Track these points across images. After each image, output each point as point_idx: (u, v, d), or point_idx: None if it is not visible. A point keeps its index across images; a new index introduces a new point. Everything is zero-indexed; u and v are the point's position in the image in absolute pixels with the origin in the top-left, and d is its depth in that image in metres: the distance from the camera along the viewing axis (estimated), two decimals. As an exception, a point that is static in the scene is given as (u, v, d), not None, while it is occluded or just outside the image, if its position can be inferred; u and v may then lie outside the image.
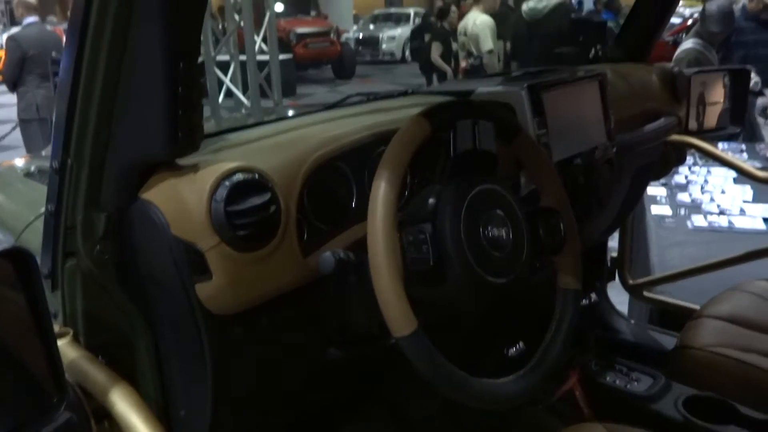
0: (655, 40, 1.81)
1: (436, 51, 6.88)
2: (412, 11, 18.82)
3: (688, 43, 4.14)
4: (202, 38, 3.29)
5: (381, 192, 0.83)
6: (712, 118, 2.00)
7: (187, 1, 0.77)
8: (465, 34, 5.91)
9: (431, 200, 0.88)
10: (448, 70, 6.85)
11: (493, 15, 5.92)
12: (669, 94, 1.71)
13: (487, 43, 5.64)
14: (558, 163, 1.20)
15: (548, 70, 1.39)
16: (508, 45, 6.05)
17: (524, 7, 5.13)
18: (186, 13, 0.78)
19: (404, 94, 1.40)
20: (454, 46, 6.63)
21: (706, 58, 3.97)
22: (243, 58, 6.97)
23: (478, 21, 5.71)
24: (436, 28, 7.19)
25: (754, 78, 4.62)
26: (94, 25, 0.77)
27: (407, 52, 17.22)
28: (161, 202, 0.82)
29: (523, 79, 1.25)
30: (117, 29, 0.76)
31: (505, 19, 6.15)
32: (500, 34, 5.88)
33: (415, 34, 8.97)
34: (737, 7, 5.57)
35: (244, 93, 7.08)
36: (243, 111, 6.89)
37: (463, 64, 6.16)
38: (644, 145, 1.53)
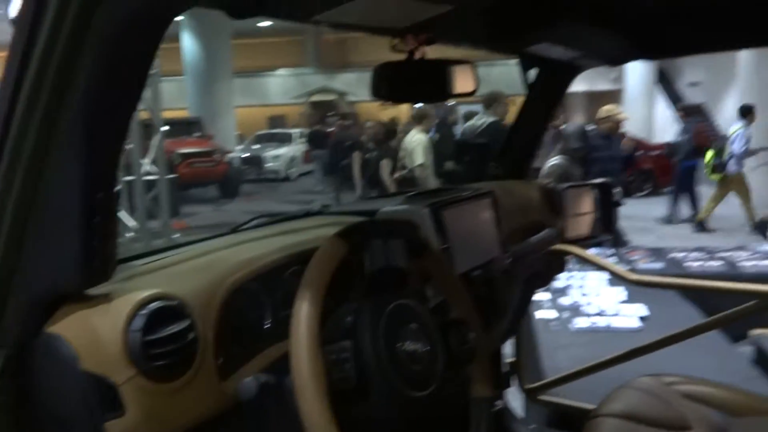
0: (531, 160, 2.00)
1: (386, 168, 7.59)
2: (294, 132, 19.46)
3: (554, 160, 4.58)
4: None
5: (304, 312, 0.84)
6: (585, 227, 2.20)
7: (107, 131, 0.78)
8: (404, 149, 6.71)
9: (350, 318, 0.90)
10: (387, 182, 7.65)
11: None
12: (548, 208, 1.88)
13: (419, 158, 6.33)
14: (460, 276, 1.26)
15: (443, 189, 1.50)
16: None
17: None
18: (106, 142, 0.78)
19: (311, 214, 1.45)
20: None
21: (572, 172, 4.39)
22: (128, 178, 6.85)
23: (414, 138, 6.48)
24: (385, 148, 8.10)
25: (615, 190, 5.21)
26: (11, 149, 0.75)
27: (291, 171, 17.63)
28: (71, 335, 0.78)
29: (422, 199, 1.34)
30: (35, 156, 0.75)
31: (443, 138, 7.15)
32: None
33: (337, 150, 9.69)
34: (592, 128, 6.34)
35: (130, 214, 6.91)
36: (126, 235, 6.68)
37: (396, 174, 7.03)
38: (532, 255, 1.65)
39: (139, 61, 0.78)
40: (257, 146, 18.38)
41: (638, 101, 16.15)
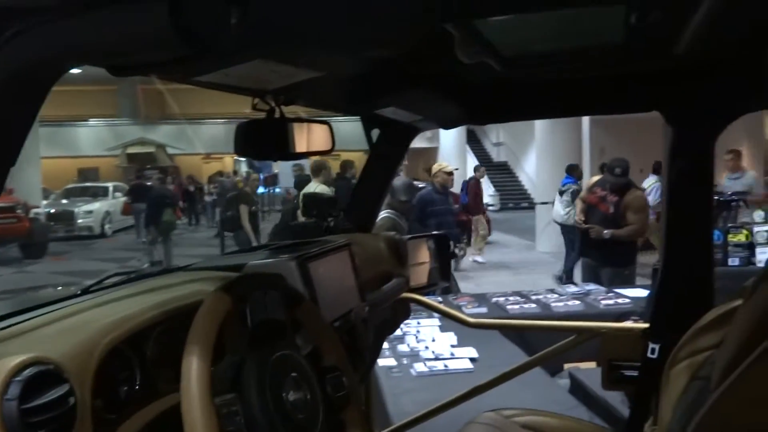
0: (377, 213, 2.12)
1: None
2: (110, 185, 18.28)
3: (383, 214, 4.80)
4: None
5: (194, 368, 0.83)
6: (425, 276, 2.36)
7: None
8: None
9: (234, 371, 0.91)
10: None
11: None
12: (395, 258, 2.00)
13: None
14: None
15: (302, 242, 1.55)
16: None
17: None
18: None
19: (179, 269, 1.42)
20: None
21: (400, 225, 4.64)
22: None
23: (316, 189, 6.55)
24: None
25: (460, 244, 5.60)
26: None
27: (107, 226, 16.46)
28: None
29: (286, 252, 1.38)
30: None
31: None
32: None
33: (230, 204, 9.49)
34: (424, 184, 6.76)
35: None
36: None
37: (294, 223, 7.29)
38: (384, 303, 1.74)
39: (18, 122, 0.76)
40: (66, 201, 16.98)
41: (451, 158, 17.48)
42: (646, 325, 1.78)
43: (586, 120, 13.58)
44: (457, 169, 7.17)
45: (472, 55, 1.25)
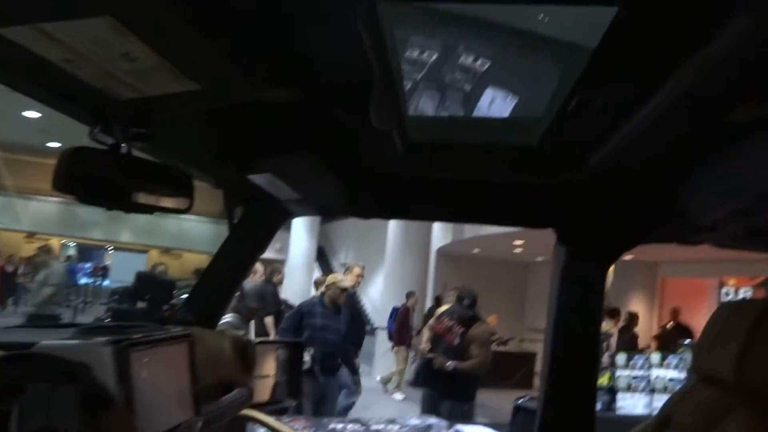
0: (225, 308, 1.77)
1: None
2: None
3: (226, 317, 4.36)
4: None
5: None
6: (268, 390, 2.00)
7: None
8: None
9: None
10: None
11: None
12: (240, 363, 1.64)
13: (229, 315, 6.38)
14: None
15: (131, 325, 1.17)
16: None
17: None
18: None
19: None
20: None
21: (244, 331, 4.22)
22: None
23: None
24: None
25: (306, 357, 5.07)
26: None
27: None
28: None
29: (103, 333, 1.00)
30: None
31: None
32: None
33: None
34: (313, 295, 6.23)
35: None
36: None
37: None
38: (223, 419, 1.37)
39: None
40: None
41: (299, 272, 17.21)
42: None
43: (434, 252, 14.07)
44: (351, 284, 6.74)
45: (383, 119, 1.04)
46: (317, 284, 7.21)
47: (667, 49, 0.80)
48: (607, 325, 7.97)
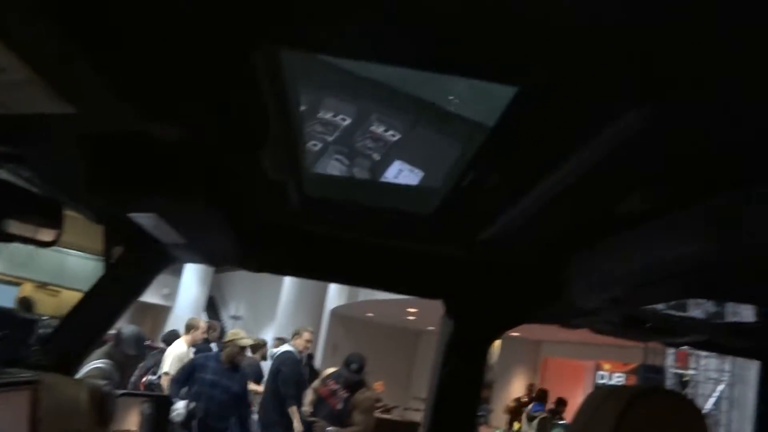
0: (87, 353, 1.62)
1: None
2: None
3: (98, 363, 4.04)
4: None
5: None
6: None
7: None
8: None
9: None
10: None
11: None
12: (96, 415, 1.50)
13: (166, 366, 6.16)
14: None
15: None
16: None
17: None
18: None
19: None
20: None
21: (115, 379, 3.94)
22: None
23: (175, 349, 6.39)
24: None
25: (179, 411, 4.71)
26: None
27: None
28: None
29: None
30: None
31: None
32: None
33: None
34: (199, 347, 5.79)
35: None
36: None
37: (143, 379, 6.74)
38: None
39: None
40: None
41: (185, 321, 16.41)
42: None
43: (326, 314, 13.90)
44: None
45: (279, 169, 1.01)
46: (188, 328, 6.89)
47: (560, 135, 0.82)
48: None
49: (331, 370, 6.58)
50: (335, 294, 13.80)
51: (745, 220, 0.79)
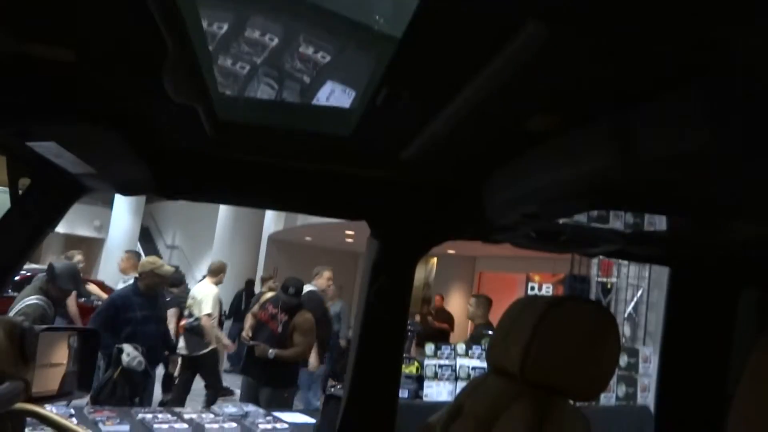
0: (3, 289, 1.57)
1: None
2: None
3: (31, 299, 3.94)
4: None
5: None
6: (56, 381, 1.81)
7: None
8: (193, 298, 6.71)
9: None
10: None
11: None
12: (15, 353, 1.46)
13: (207, 307, 6.51)
14: None
15: None
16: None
17: None
18: None
19: None
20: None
21: (51, 315, 3.88)
22: None
23: (204, 289, 6.69)
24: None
25: (134, 355, 4.64)
26: None
27: None
28: None
29: None
30: None
31: None
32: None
33: None
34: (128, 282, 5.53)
35: None
36: None
37: (182, 322, 6.74)
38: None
39: None
40: None
41: (119, 252, 16.00)
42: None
43: (265, 237, 13.86)
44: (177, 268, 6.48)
45: (183, 92, 0.96)
46: (217, 271, 6.96)
47: (465, 50, 0.81)
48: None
49: (268, 295, 6.64)
50: (273, 220, 13.74)
51: (642, 137, 0.82)
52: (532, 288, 7.86)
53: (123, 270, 7.04)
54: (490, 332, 5.49)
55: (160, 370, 5.50)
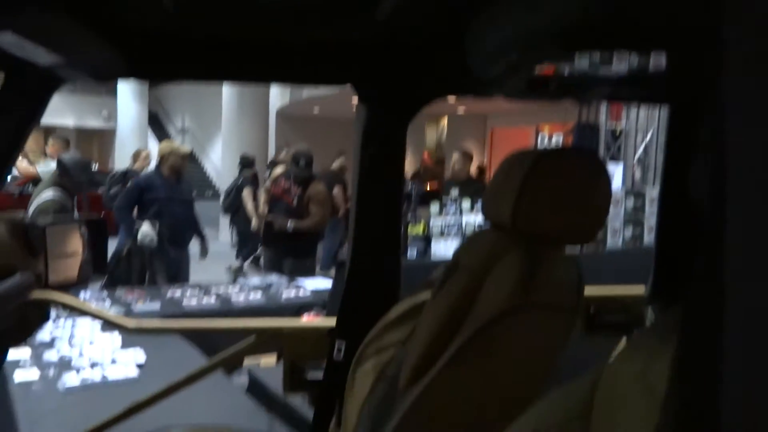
0: None
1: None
2: None
3: (47, 193, 4.03)
4: None
5: None
6: (73, 269, 1.89)
7: None
8: None
9: None
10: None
11: None
12: (22, 248, 1.51)
13: None
14: None
15: None
16: None
17: None
18: None
19: None
20: None
21: (68, 207, 3.98)
22: None
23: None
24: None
25: (146, 232, 4.76)
26: None
27: None
28: None
29: None
30: None
31: None
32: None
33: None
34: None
35: None
36: None
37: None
38: (2, 308, 1.27)
39: None
40: None
41: (131, 141, 16.04)
42: (331, 323, 1.63)
43: (273, 112, 13.73)
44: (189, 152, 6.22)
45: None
46: (135, 157, 6.79)
47: None
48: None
49: (279, 169, 6.68)
50: (277, 95, 13.53)
51: None
52: (542, 139, 7.80)
53: (50, 155, 7.20)
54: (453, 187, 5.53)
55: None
